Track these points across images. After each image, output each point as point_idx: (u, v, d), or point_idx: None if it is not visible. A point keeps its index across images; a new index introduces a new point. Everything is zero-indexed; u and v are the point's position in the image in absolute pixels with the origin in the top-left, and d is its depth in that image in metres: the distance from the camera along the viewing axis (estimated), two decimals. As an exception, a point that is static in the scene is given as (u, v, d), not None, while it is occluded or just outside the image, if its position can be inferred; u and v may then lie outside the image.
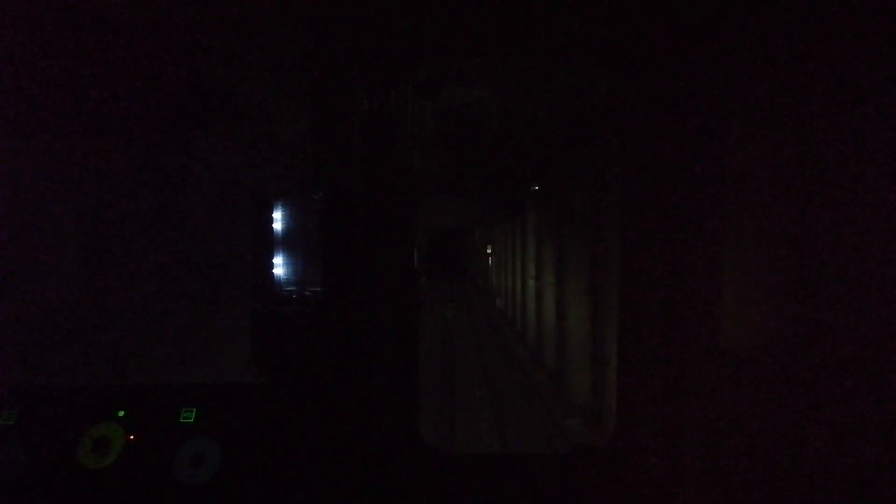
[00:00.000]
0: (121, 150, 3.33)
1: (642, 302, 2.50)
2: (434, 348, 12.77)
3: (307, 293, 1.86)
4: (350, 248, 1.99)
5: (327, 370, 1.84)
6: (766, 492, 2.06)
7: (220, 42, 2.20)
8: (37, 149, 2.79)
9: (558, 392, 8.16)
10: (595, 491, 2.47)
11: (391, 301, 2.51)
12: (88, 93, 1.89)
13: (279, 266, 1.87)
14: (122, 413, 1.69)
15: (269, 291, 1.85)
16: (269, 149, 4.89)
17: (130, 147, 3.38)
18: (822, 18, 2.07)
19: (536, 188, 9.98)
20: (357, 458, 2.02)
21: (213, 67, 2.90)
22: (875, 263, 1.94)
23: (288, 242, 1.87)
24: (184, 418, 1.68)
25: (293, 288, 1.87)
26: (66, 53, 1.87)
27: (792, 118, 2.20)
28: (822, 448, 1.79)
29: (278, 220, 1.87)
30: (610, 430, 2.74)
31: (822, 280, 2.13)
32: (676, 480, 2.36)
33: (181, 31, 1.92)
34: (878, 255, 1.92)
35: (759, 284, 2.27)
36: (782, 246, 2.26)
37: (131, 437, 1.65)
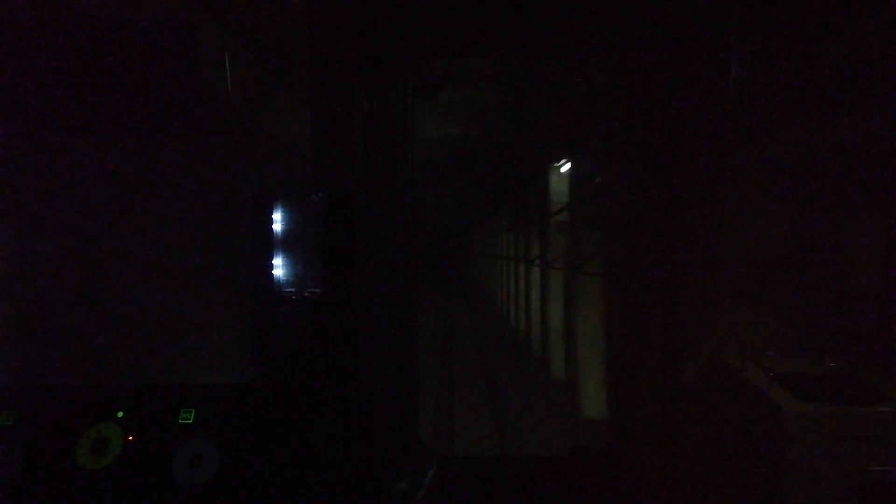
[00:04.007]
0: (120, 150, 3.32)
1: (640, 304, 2.50)
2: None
3: (307, 294, 1.85)
4: (350, 248, 1.99)
5: (327, 371, 1.84)
6: (765, 494, 2.06)
7: (220, 42, 2.19)
8: (36, 149, 2.78)
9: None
10: (593, 492, 2.47)
11: (391, 301, 2.51)
12: (87, 92, 1.89)
13: (279, 267, 1.86)
14: (120, 414, 1.68)
15: (268, 292, 1.84)
16: (269, 149, 4.89)
17: (130, 147, 3.38)
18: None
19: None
20: (356, 459, 2.01)
21: (214, 68, 2.89)
22: (872, 267, 1.94)
23: (288, 243, 1.86)
24: (182, 419, 1.68)
25: (293, 289, 1.86)
26: (65, 53, 1.86)
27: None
28: (820, 450, 1.79)
29: (278, 221, 1.86)
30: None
31: (821, 280, 2.13)
32: (674, 482, 2.36)
33: (181, 31, 1.91)
34: (876, 259, 1.92)
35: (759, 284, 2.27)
36: (781, 245, 2.26)
37: (130, 437, 1.65)
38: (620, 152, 2.73)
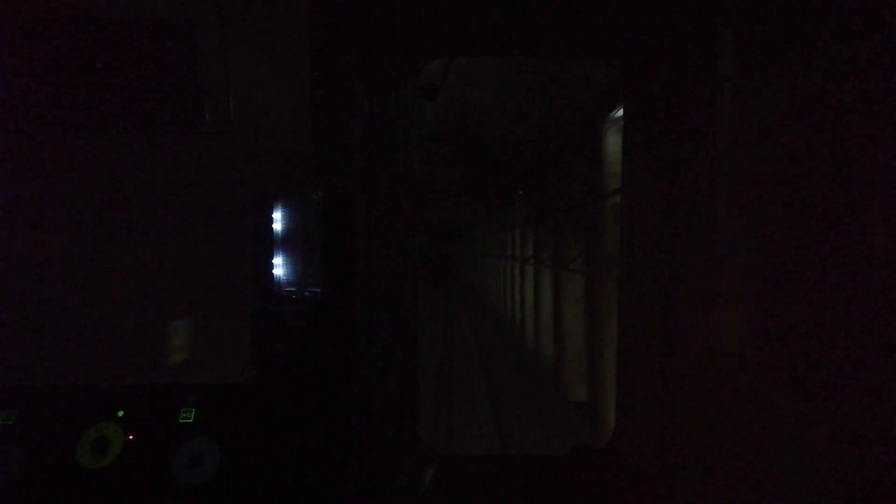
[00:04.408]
0: (120, 149, 3.32)
1: (640, 305, 2.50)
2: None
3: (307, 293, 1.86)
4: (350, 248, 1.99)
5: (327, 370, 1.84)
6: (763, 493, 2.06)
7: (220, 41, 2.20)
8: (36, 149, 2.78)
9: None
10: (593, 492, 2.47)
11: (390, 301, 2.51)
12: (87, 92, 1.89)
13: (279, 266, 1.86)
14: (121, 413, 1.68)
15: (268, 291, 1.84)
16: (269, 149, 4.89)
17: (130, 147, 3.38)
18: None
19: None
20: (356, 458, 2.02)
21: (213, 67, 2.89)
22: (873, 262, 1.94)
23: (288, 242, 1.87)
24: (183, 418, 1.68)
25: (293, 288, 1.86)
26: (65, 52, 1.86)
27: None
28: (820, 449, 1.79)
29: (278, 220, 1.86)
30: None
31: (820, 278, 2.12)
32: (674, 482, 2.36)
33: (181, 31, 1.92)
34: (877, 254, 1.92)
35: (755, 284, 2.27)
36: (779, 245, 2.26)
37: (130, 436, 1.65)
38: (621, 154, 2.73)
